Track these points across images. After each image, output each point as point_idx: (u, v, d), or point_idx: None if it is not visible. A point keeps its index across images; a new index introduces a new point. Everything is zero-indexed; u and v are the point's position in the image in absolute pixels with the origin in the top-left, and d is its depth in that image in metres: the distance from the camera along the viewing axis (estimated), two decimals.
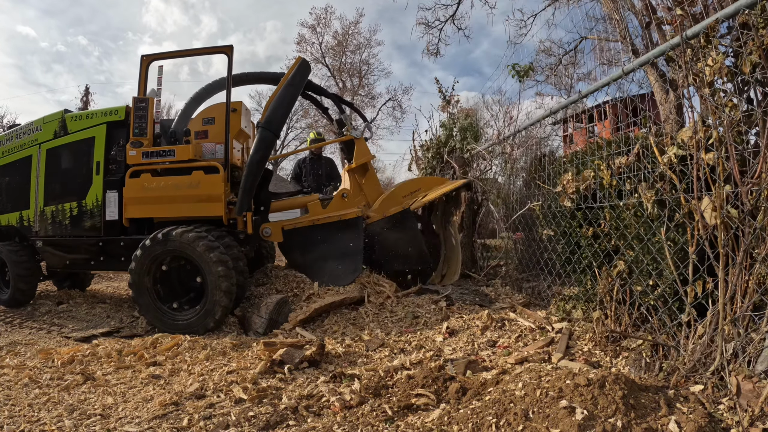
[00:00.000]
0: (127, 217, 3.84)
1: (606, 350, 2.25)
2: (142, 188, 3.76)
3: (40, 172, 4.24)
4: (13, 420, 1.89)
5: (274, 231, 4.01)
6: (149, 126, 3.80)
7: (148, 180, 3.76)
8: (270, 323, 3.25)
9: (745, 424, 1.40)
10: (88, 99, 29.49)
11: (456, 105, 5.59)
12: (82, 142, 4.06)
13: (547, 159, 3.59)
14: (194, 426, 1.77)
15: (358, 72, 27.56)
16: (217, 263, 3.34)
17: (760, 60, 1.79)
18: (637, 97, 2.70)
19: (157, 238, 3.46)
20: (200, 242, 3.37)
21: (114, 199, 3.88)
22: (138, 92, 3.87)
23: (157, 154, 3.75)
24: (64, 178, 4.13)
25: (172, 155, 3.73)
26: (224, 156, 3.81)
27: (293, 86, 3.92)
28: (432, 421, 1.65)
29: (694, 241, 1.90)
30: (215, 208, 3.68)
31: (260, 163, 3.72)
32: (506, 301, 3.48)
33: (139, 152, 3.76)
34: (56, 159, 4.18)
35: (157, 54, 3.96)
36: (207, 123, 3.97)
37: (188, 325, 3.37)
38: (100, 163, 3.96)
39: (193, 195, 3.70)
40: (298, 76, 3.95)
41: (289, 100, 3.92)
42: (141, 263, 3.50)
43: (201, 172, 3.70)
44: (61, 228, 4.11)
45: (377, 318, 3.29)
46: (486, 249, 4.94)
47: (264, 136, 3.74)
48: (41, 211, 4.21)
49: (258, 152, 3.71)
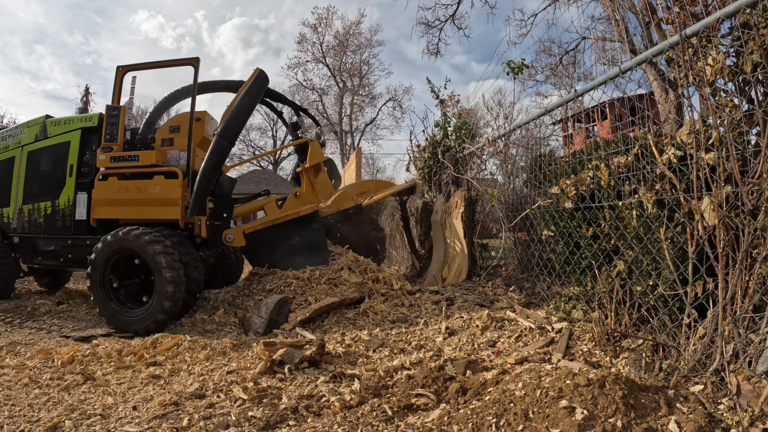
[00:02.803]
0: (95, 217, 4.07)
1: (606, 350, 2.25)
2: (109, 190, 4.00)
3: (21, 173, 4.51)
4: (13, 420, 1.89)
5: (236, 236, 4.20)
6: (120, 132, 4.05)
7: (115, 183, 3.99)
8: (270, 323, 3.25)
9: (745, 424, 1.39)
10: (88, 99, 29.50)
11: (456, 105, 5.58)
12: (59, 146, 4.35)
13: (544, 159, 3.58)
14: (194, 426, 1.76)
15: (359, 72, 27.55)
16: (161, 254, 3.48)
17: (761, 59, 1.78)
18: (636, 96, 2.70)
19: (107, 240, 3.66)
20: (144, 237, 3.55)
21: (84, 200, 4.15)
22: (112, 100, 4.15)
23: (123, 159, 4.01)
24: (42, 178, 4.42)
25: (136, 160, 3.99)
26: (187, 163, 4.04)
27: (250, 96, 4.13)
28: (432, 421, 1.65)
29: (693, 242, 1.90)
30: (172, 212, 3.89)
31: (213, 169, 3.89)
32: (506, 301, 3.47)
33: (108, 157, 4.01)
34: (36, 161, 4.48)
35: (130, 65, 4.28)
36: (173, 131, 4.21)
37: (141, 319, 3.53)
38: (73, 166, 4.24)
39: (154, 198, 3.92)
40: (255, 86, 4.15)
41: (246, 109, 4.12)
42: (96, 264, 3.67)
43: (162, 177, 3.93)
44: (36, 226, 4.38)
45: (377, 318, 3.29)
46: (486, 249, 4.93)
47: (219, 143, 3.92)
48: (20, 209, 4.46)
49: (212, 158, 3.88)
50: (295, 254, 4.20)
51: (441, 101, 5.40)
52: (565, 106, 3.43)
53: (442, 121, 5.23)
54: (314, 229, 4.30)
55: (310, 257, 4.16)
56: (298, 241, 4.28)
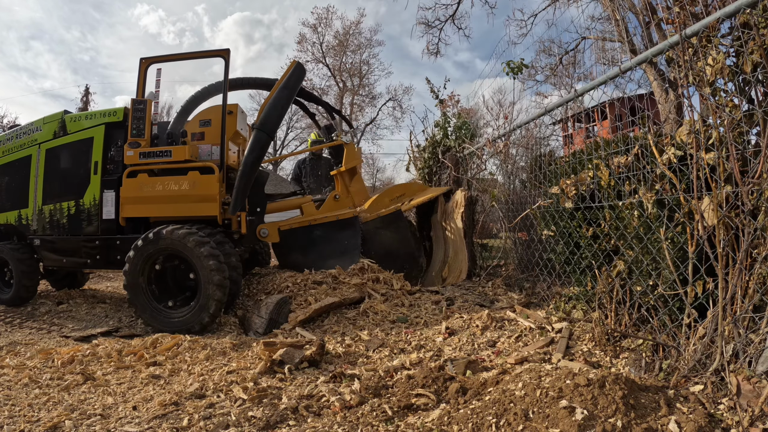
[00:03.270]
0: (124, 216, 3.89)
1: (606, 350, 2.25)
2: (138, 188, 3.82)
3: (39, 172, 4.29)
4: (13, 420, 1.90)
5: (271, 232, 4.07)
6: (147, 127, 3.86)
7: (145, 180, 3.81)
8: (270, 323, 3.25)
9: (745, 424, 1.40)
10: (88, 99, 29.53)
11: (456, 105, 5.59)
12: (81, 143, 4.12)
13: (544, 159, 3.58)
14: (194, 426, 1.76)
15: (359, 72, 27.56)
16: (208, 257, 3.35)
17: (761, 59, 1.78)
18: (636, 96, 2.70)
19: (149, 238, 3.48)
20: (190, 238, 3.39)
21: (111, 199, 3.94)
22: (137, 94, 3.95)
23: (154, 155, 3.82)
24: (63, 177, 4.19)
25: (168, 156, 3.79)
26: (220, 157, 3.88)
27: (288, 89, 4.01)
28: (432, 421, 1.65)
29: (693, 242, 1.90)
30: (210, 208, 3.73)
31: (254, 164, 3.79)
32: (506, 301, 3.47)
33: (137, 152, 3.82)
34: (55, 159, 4.24)
35: (155, 57, 4.05)
36: (203, 125, 4.07)
37: (184, 321, 3.39)
38: (98, 163, 4.02)
39: (189, 195, 3.75)
40: (293, 78, 4.04)
41: (283, 102, 4.01)
42: (134, 264, 3.50)
43: (197, 173, 3.76)
44: (58, 227, 4.17)
45: (377, 318, 3.29)
46: (486, 249, 4.93)
47: (258, 137, 3.82)
48: (39, 209, 4.26)
49: (252, 153, 3.79)
50: (328, 258, 4.08)
51: (441, 101, 5.41)
52: (565, 106, 3.43)
53: (442, 121, 5.24)
54: (351, 234, 4.18)
55: (341, 261, 4.04)
56: (333, 245, 4.15)
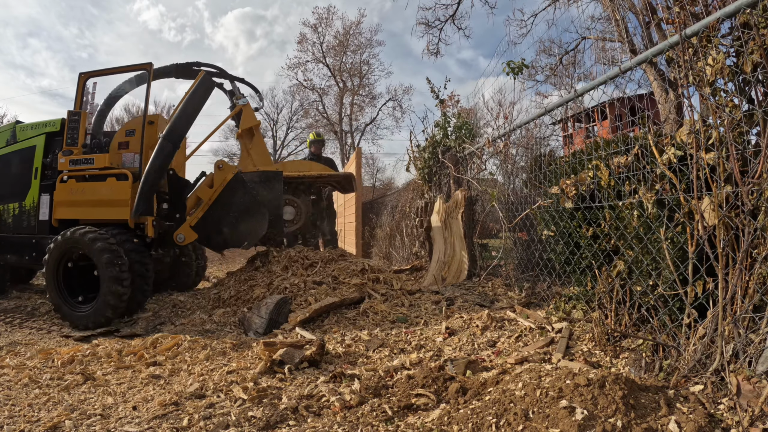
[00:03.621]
0: (56, 218, 4.30)
1: (606, 350, 2.25)
2: (68, 192, 4.22)
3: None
4: (13, 420, 1.90)
5: (186, 233, 4.23)
6: (81, 137, 4.30)
7: (74, 185, 4.21)
8: (270, 323, 3.25)
9: (745, 424, 1.39)
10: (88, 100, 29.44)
11: (456, 105, 5.59)
12: (26, 150, 4.63)
13: (545, 159, 3.58)
14: (194, 426, 1.76)
15: (359, 72, 27.54)
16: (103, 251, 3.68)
17: (761, 59, 1.78)
18: (636, 96, 2.70)
19: (57, 240, 3.90)
20: (89, 235, 3.76)
21: (46, 202, 4.40)
22: (74, 106, 4.38)
23: (81, 162, 4.24)
24: (11, 181, 4.66)
25: (92, 163, 4.21)
26: (139, 165, 4.20)
27: (195, 99, 4.27)
28: (432, 421, 1.65)
29: (693, 242, 1.90)
30: (121, 212, 4.08)
31: (158, 171, 4.02)
32: (506, 301, 3.47)
33: (68, 160, 4.23)
34: (6, 164, 4.76)
35: (91, 72, 4.53)
36: (129, 134, 4.37)
37: (87, 315, 3.75)
38: (38, 169, 4.51)
39: (106, 200, 4.15)
40: (200, 89, 4.32)
41: (190, 112, 4.27)
42: (51, 259, 3.91)
43: (113, 179, 4.14)
44: (5, 226, 4.65)
45: (377, 318, 3.29)
46: (486, 249, 4.93)
47: (163, 146, 4.05)
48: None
49: (156, 161, 4.00)
50: (238, 225, 4.21)
51: (441, 101, 5.40)
52: (565, 105, 3.43)
53: (442, 122, 5.23)
54: (243, 192, 4.23)
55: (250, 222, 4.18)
56: (235, 211, 4.24)
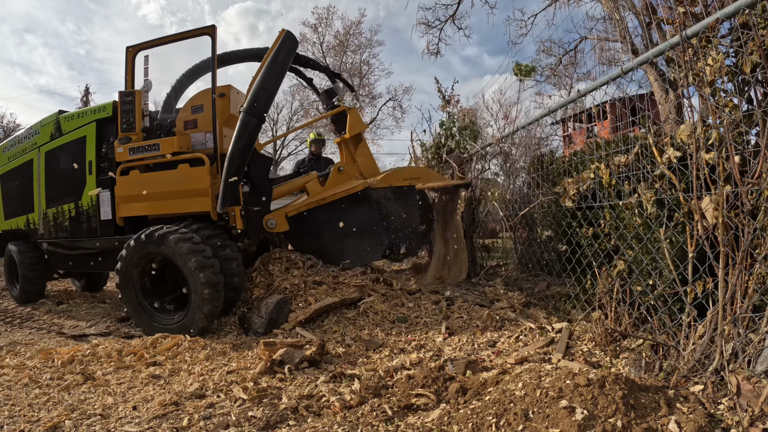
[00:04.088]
0: (120, 216, 3.71)
1: (606, 350, 2.25)
2: (131, 186, 3.61)
3: (41, 175, 4.27)
4: (13, 420, 1.89)
5: (279, 221, 3.71)
6: (137, 120, 3.65)
7: (137, 177, 3.61)
8: (270, 323, 3.24)
9: (745, 424, 1.40)
10: (88, 99, 29.44)
11: (456, 105, 5.59)
12: (76, 142, 4.02)
13: (546, 159, 3.59)
14: (194, 426, 1.76)
15: (359, 72, 27.55)
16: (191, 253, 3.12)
17: (761, 60, 1.79)
18: (636, 96, 2.70)
19: (130, 245, 3.33)
20: (170, 237, 3.17)
21: (107, 198, 3.77)
22: (125, 86, 3.73)
23: (142, 149, 3.60)
24: (62, 179, 4.11)
25: (157, 149, 3.57)
26: (213, 146, 3.58)
27: (277, 64, 3.57)
28: (432, 421, 1.65)
29: (693, 241, 1.90)
30: (202, 203, 3.45)
31: (243, 151, 3.40)
32: (506, 301, 3.47)
33: (126, 148, 3.63)
34: (54, 161, 4.18)
35: (141, 44, 3.79)
36: (195, 111, 3.68)
37: (181, 326, 3.26)
38: (92, 162, 3.89)
39: (180, 190, 3.49)
40: (282, 51, 3.58)
41: (273, 80, 3.56)
42: (125, 266, 3.35)
43: (186, 165, 3.50)
44: (62, 230, 4.11)
45: (377, 318, 3.29)
46: (486, 249, 4.94)
47: (246, 121, 3.42)
48: (44, 213, 4.24)
49: (240, 140, 3.39)
50: (345, 238, 3.75)
51: (447, 101, 5.40)
52: (566, 106, 3.43)
53: (448, 123, 5.23)
54: (366, 208, 3.77)
55: (362, 241, 3.72)
56: (348, 224, 3.76)
